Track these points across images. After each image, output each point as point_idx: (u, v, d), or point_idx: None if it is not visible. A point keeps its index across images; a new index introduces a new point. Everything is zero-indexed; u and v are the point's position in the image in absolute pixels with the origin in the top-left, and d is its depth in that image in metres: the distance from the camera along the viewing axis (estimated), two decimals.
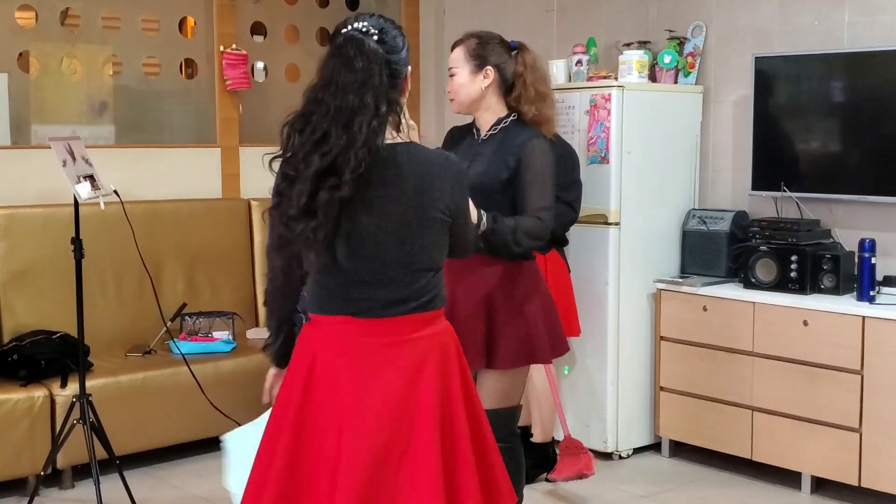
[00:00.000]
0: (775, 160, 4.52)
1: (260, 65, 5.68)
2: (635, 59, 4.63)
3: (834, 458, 4.03)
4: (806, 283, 4.21)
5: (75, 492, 4.21)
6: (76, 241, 3.84)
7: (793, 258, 4.24)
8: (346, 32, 2.28)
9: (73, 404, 3.87)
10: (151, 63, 5.31)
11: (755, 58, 4.54)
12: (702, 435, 4.48)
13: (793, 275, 4.24)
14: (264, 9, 5.67)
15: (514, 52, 3.20)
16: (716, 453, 4.48)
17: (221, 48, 5.33)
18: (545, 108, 3.18)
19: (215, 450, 4.66)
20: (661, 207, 4.67)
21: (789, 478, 4.25)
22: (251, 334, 5.08)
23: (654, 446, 4.74)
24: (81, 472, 4.20)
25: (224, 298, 5.15)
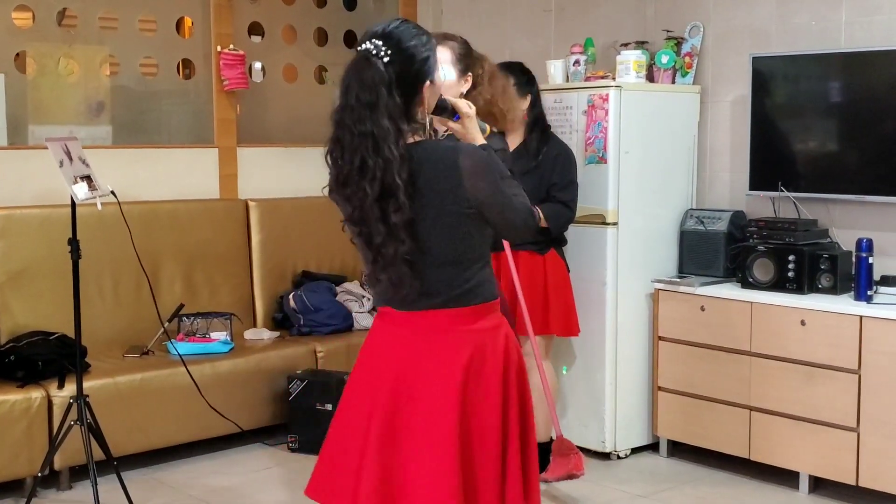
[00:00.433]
0: (773, 160, 4.53)
1: (258, 65, 5.68)
2: (633, 59, 4.63)
3: (831, 457, 4.03)
4: (803, 283, 4.21)
5: (73, 493, 4.21)
6: (73, 242, 3.83)
7: (790, 258, 4.24)
8: (359, 50, 2.30)
9: (70, 405, 3.87)
10: (149, 63, 5.30)
11: (752, 58, 4.54)
12: (700, 435, 4.48)
13: (790, 274, 4.24)
14: (262, 9, 5.66)
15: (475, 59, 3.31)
16: (714, 453, 4.48)
17: (219, 48, 5.33)
18: (509, 114, 3.38)
19: (213, 451, 4.69)
20: (658, 207, 4.67)
21: (787, 477, 4.25)
22: (249, 335, 5.08)
23: (653, 446, 4.74)
24: (79, 473, 4.19)
25: (222, 299, 5.15)
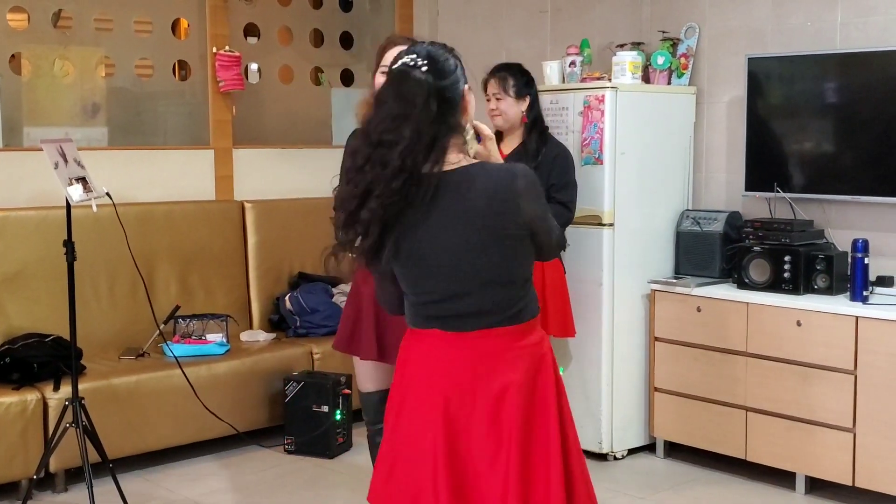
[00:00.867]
0: (768, 161, 4.53)
1: (254, 66, 5.68)
2: (629, 60, 4.63)
3: (828, 458, 4.03)
4: (799, 284, 4.22)
5: (68, 495, 4.20)
6: (68, 244, 3.83)
7: (786, 258, 4.24)
8: (395, 67, 2.33)
9: (65, 407, 3.86)
10: (144, 65, 5.29)
11: (748, 58, 4.54)
12: (696, 435, 4.48)
13: (786, 275, 4.24)
14: (257, 10, 5.66)
15: None
16: (710, 454, 4.48)
17: (214, 50, 5.32)
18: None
19: (209, 453, 4.68)
20: (655, 208, 4.68)
21: (784, 478, 4.25)
22: (245, 337, 5.07)
23: (649, 447, 4.74)
24: (74, 475, 4.18)
25: (217, 301, 5.15)
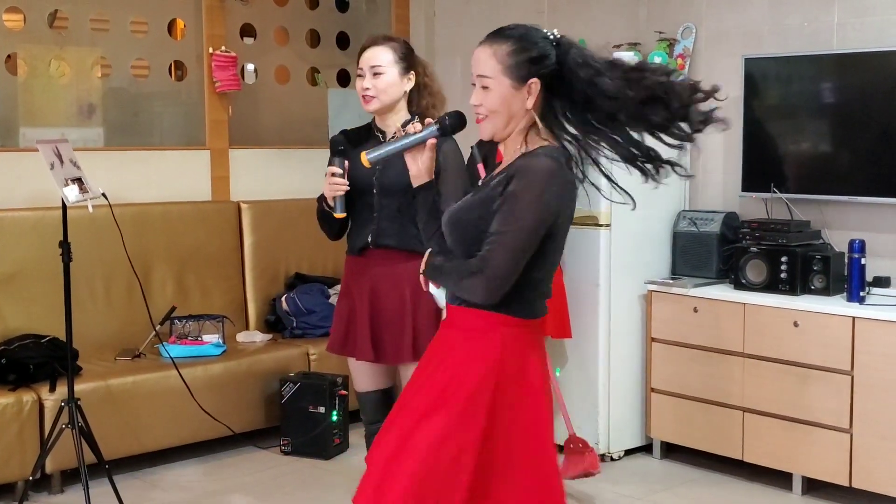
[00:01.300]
0: (765, 161, 4.53)
1: (250, 67, 5.67)
2: (625, 60, 4.62)
3: (825, 458, 4.03)
4: (796, 284, 4.22)
5: (64, 497, 4.19)
6: (64, 245, 3.82)
7: (783, 259, 4.24)
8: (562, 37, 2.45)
9: (61, 408, 3.85)
10: (140, 65, 5.29)
11: (745, 59, 4.54)
12: (693, 436, 4.48)
13: (783, 276, 4.24)
14: (254, 10, 5.65)
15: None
16: (707, 454, 4.48)
17: (211, 50, 5.32)
18: (399, 125, 3.31)
19: (205, 454, 4.67)
20: (651, 209, 4.67)
21: (781, 479, 4.25)
22: (241, 337, 5.07)
23: (646, 448, 4.74)
24: (70, 476, 4.18)
25: (214, 301, 5.14)
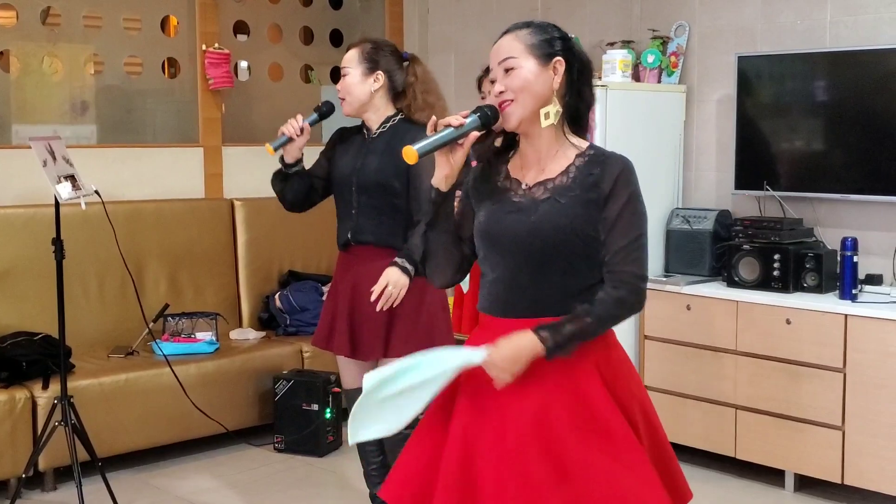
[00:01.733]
0: (758, 159, 4.54)
1: (244, 64, 5.66)
2: (619, 58, 4.63)
3: (817, 456, 4.04)
4: (789, 282, 4.23)
5: (57, 494, 4.18)
6: (57, 242, 3.81)
7: (776, 257, 4.25)
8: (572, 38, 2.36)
9: (54, 406, 3.84)
10: (133, 62, 5.27)
11: (738, 57, 4.55)
12: (686, 433, 4.48)
13: (776, 273, 4.25)
14: (247, 8, 5.64)
15: (405, 63, 3.37)
16: (700, 452, 4.48)
17: (204, 47, 5.31)
18: (435, 116, 3.30)
19: (198, 451, 4.67)
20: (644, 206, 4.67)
21: (773, 476, 4.26)
22: (234, 335, 5.06)
23: None
24: (63, 474, 4.17)
25: (207, 299, 5.13)
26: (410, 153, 2.17)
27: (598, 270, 2.21)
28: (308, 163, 3.43)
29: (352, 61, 3.31)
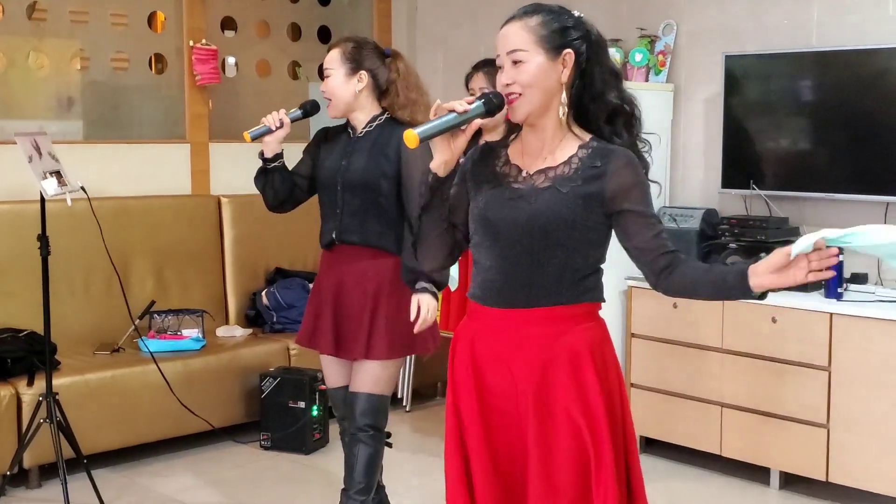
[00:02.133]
0: (745, 158, 4.55)
1: (231, 60, 5.65)
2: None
3: (802, 453, 4.06)
4: None
5: (42, 491, 4.17)
6: (42, 238, 3.80)
7: (761, 255, 4.25)
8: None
9: (39, 403, 3.83)
10: (120, 58, 5.25)
11: (725, 56, 4.56)
12: (672, 431, 4.50)
13: None
14: (235, 4, 5.63)
15: (387, 59, 3.35)
16: (686, 449, 4.50)
17: (191, 43, 5.29)
18: (418, 113, 3.31)
19: (184, 449, 4.66)
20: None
21: (758, 473, 4.28)
22: (221, 332, 5.05)
23: None
24: (48, 471, 4.15)
25: (193, 296, 5.12)
26: (411, 137, 2.11)
27: (592, 260, 2.22)
28: (291, 161, 3.41)
29: (334, 62, 3.28)
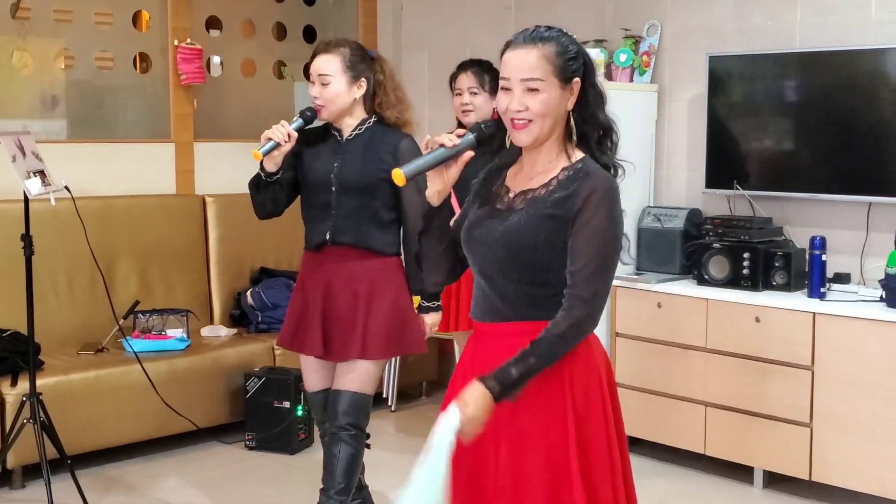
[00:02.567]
0: (728, 158, 4.57)
1: (216, 59, 5.63)
2: (591, 57, 4.64)
3: (785, 452, 4.08)
4: (758, 280, 4.26)
5: (25, 492, 4.15)
6: (26, 238, 3.78)
7: (745, 255, 4.29)
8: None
9: (23, 403, 3.82)
10: (105, 57, 5.24)
11: (709, 57, 4.58)
12: (656, 430, 4.52)
13: (745, 272, 4.28)
14: (220, 3, 5.61)
15: (373, 62, 3.37)
16: (670, 448, 4.52)
17: (176, 42, 5.27)
18: (405, 111, 3.36)
19: (169, 449, 4.65)
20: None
21: (742, 472, 4.30)
22: (205, 332, 5.04)
23: None
24: (32, 472, 4.14)
25: (178, 296, 5.11)
26: (398, 176, 2.20)
27: (564, 278, 2.21)
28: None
29: (334, 69, 3.24)
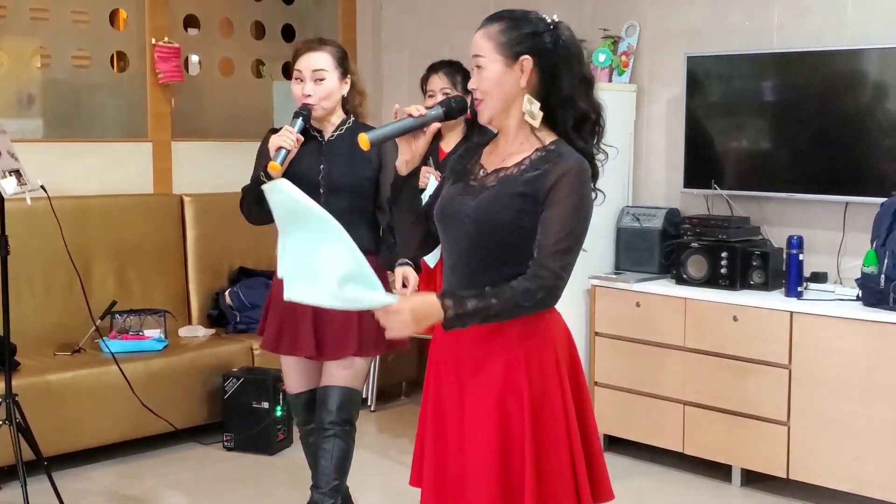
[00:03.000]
0: (706, 158, 4.59)
1: (194, 58, 5.60)
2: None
3: (763, 451, 4.10)
4: (736, 279, 4.28)
5: (2, 494, 4.12)
6: (1, 238, 3.75)
7: (723, 255, 4.30)
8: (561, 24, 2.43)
9: None
10: (81, 55, 5.20)
11: (687, 57, 4.60)
12: (635, 429, 4.53)
13: (723, 271, 4.30)
14: (198, 1, 5.59)
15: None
16: (649, 447, 4.53)
17: (153, 41, 5.24)
18: (364, 103, 3.44)
19: (146, 450, 4.62)
20: (595, 204, 4.70)
21: (720, 471, 4.32)
22: (183, 332, 5.01)
23: None
24: (8, 474, 4.10)
25: (155, 296, 5.08)
26: (364, 140, 2.31)
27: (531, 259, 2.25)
28: (251, 171, 3.34)
29: (328, 65, 3.27)
